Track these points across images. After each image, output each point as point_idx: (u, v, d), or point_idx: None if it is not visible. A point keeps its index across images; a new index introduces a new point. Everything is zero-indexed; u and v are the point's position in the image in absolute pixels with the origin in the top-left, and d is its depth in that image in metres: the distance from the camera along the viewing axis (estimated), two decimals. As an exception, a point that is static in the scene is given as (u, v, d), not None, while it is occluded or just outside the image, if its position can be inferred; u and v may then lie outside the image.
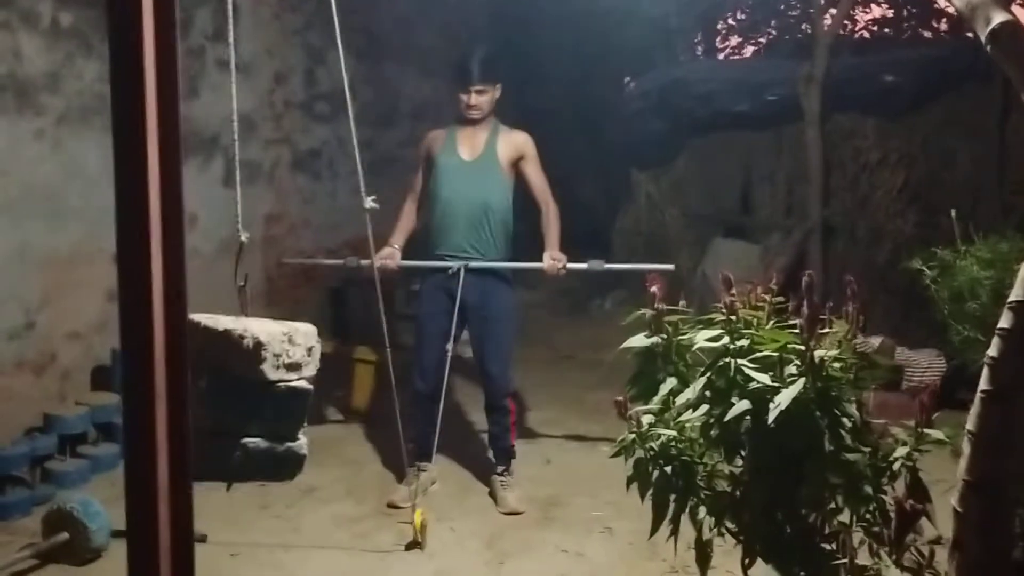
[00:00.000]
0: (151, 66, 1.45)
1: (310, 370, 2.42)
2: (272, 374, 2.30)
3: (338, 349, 5.61)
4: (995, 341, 1.58)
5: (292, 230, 6.50)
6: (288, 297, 6.46)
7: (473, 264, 4.12)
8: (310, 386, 2.40)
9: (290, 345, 2.35)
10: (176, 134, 1.49)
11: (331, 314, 6.85)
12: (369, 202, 3.41)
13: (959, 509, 1.65)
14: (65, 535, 3.44)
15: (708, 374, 2.05)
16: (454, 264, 4.10)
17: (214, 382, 2.28)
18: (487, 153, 4.15)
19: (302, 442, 2.40)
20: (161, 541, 1.51)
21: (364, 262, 4.16)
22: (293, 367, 2.36)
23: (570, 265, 4.16)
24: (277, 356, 2.32)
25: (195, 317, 2.28)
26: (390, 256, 4.15)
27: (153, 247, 1.48)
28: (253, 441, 2.33)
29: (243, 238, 2.63)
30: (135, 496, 1.51)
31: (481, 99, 4.08)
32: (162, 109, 1.48)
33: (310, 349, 2.42)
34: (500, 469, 4.24)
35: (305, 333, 2.43)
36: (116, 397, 4.50)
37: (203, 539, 3.50)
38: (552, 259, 4.12)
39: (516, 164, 4.20)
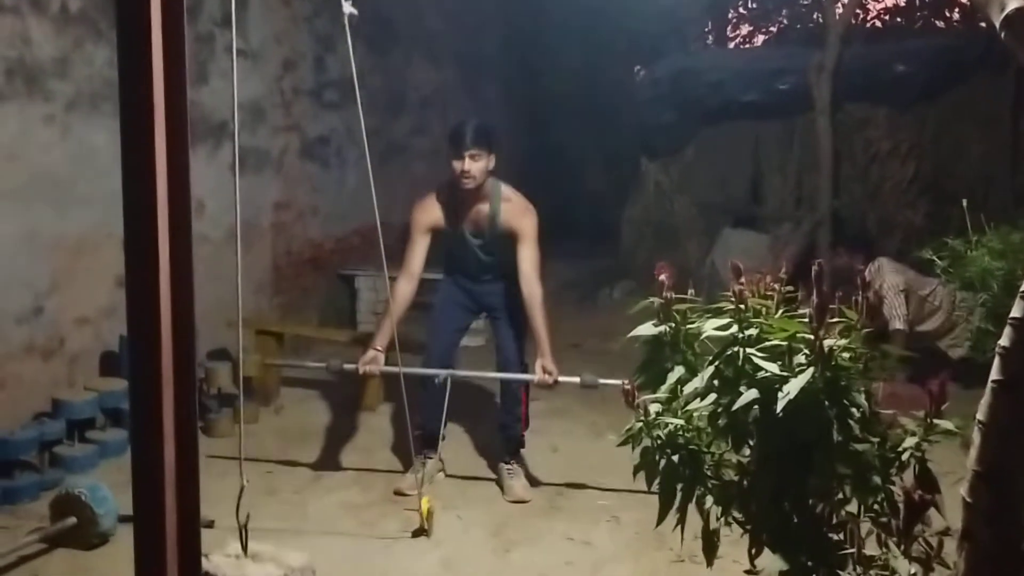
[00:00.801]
0: (159, 52, 1.45)
1: None
2: None
3: (349, 337, 5.63)
4: (1007, 331, 1.56)
5: (300, 217, 6.51)
6: (296, 285, 6.47)
7: (459, 375, 4.22)
8: None
9: None
10: (184, 121, 1.49)
11: (340, 303, 6.86)
12: (347, 6, 3.14)
13: (969, 499, 1.64)
14: (73, 520, 3.45)
15: (716, 363, 2.04)
16: (442, 373, 4.06)
17: None
18: (492, 232, 4.13)
19: None
20: (168, 526, 1.51)
21: (348, 366, 4.08)
22: None
23: (561, 379, 4.02)
24: None
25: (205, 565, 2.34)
26: (373, 360, 4.04)
27: (160, 234, 1.48)
28: None
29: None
30: (142, 482, 1.51)
31: (475, 165, 3.99)
32: (170, 95, 1.48)
33: None
34: (507, 458, 4.24)
35: (301, 569, 2.50)
36: (124, 383, 4.51)
37: (210, 524, 3.51)
38: (544, 371, 4.02)
39: (513, 237, 4.13)
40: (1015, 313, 1.51)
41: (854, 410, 1.97)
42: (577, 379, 4.03)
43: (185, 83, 1.49)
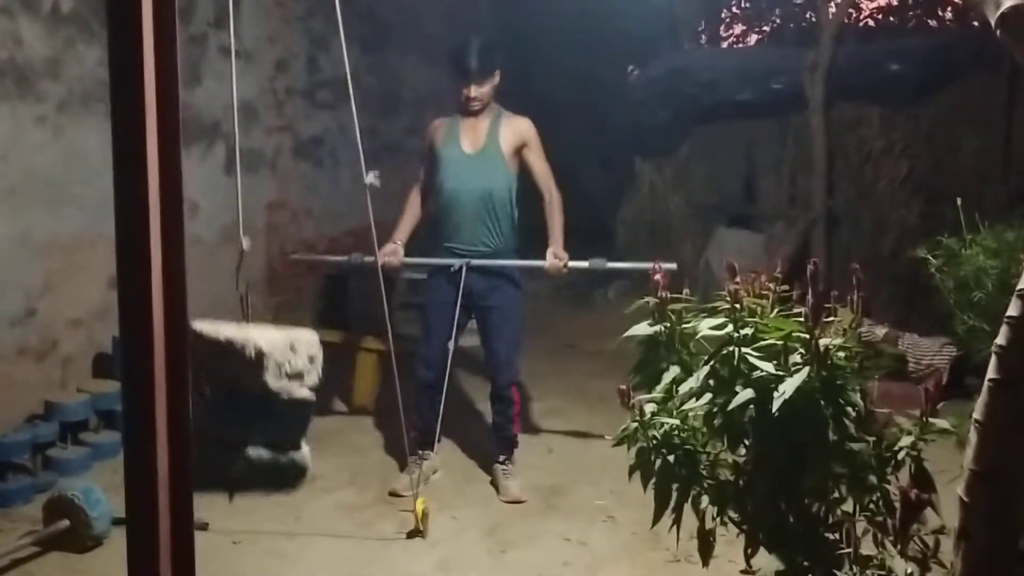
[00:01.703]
0: (150, 52, 1.44)
1: (312, 379, 2.40)
2: (274, 384, 2.29)
3: (342, 338, 5.61)
4: (1003, 330, 1.56)
5: (294, 218, 6.50)
6: (290, 285, 6.46)
7: (475, 262, 4.12)
8: (312, 396, 2.39)
9: (292, 354, 2.34)
10: (176, 121, 1.48)
11: (332, 303, 6.84)
12: (370, 178, 3.35)
13: (966, 499, 1.64)
14: (66, 522, 3.44)
15: (712, 363, 2.03)
16: (456, 262, 4.08)
17: (216, 392, 2.26)
18: (489, 144, 4.12)
19: (305, 452, 2.40)
20: (161, 529, 1.51)
21: (368, 258, 4.14)
22: (295, 376, 2.35)
23: (571, 264, 4.12)
24: (279, 366, 2.30)
25: (196, 325, 2.26)
26: (393, 253, 4.11)
27: (152, 235, 1.48)
28: (255, 451, 2.32)
29: (245, 246, 2.61)
30: (135, 484, 1.51)
31: (481, 90, 4.05)
32: (162, 95, 1.47)
33: (311, 357, 2.40)
34: (502, 458, 4.24)
35: (307, 341, 2.42)
36: (118, 384, 4.49)
37: (204, 527, 3.50)
38: (555, 257, 4.08)
39: (519, 152, 4.17)
40: (1012, 312, 1.50)
41: (850, 409, 1.97)
42: (586, 263, 4.19)
43: (177, 83, 1.48)
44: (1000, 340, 1.55)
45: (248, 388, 2.26)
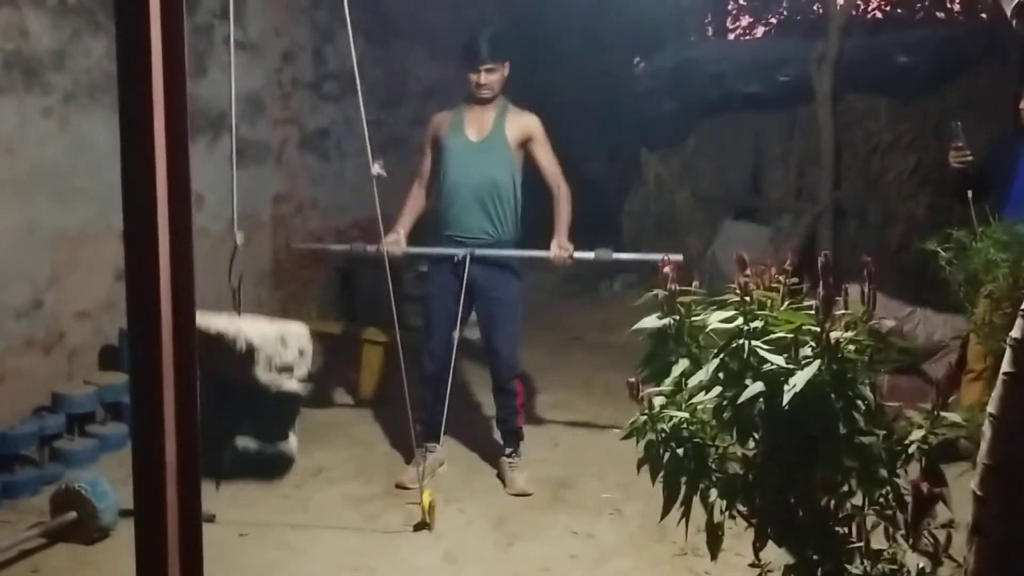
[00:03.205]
0: (158, 44, 1.43)
1: (301, 371, 2.42)
2: (264, 377, 2.31)
3: (347, 330, 5.61)
4: (1019, 322, 1.54)
5: (300, 210, 6.49)
6: (296, 278, 6.45)
7: (479, 252, 4.10)
8: (302, 388, 2.40)
9: (282, 347, 2.35)
10: (183, 113, 1.47)
11: (339, 295, 6.84)
12: (376, 168, 3.35)
13: (979, 493, 1.63)
14: (73, 514, 3.44)
15: (721, 355, 2.02)
16: (460, 252, 4.08)
17: (206, 383, 2.27)
18: (494, 133, 4.11)
19: (292, 443, 2.41)
20: (169, 521, 1.50)
21: (371, 248, 4.15)
22: (285, 369, 2.37)
23: (577, 254, 4.11)
24: (270, 359, 2.32)
25: None
26: (395, 242, 4.11)
27: (160, 226, 1.47)
28: (244, 441, 2.33)
29: (238, 240, 2.60)
30: (143, 476, 1.50)
31: (491, 78, 4.04)
32: (169, 87, 1.46)
33: (302, 351, 2.41)
34: (508, 451, 4.23)
35: (297, 334, 2.43)
36: (124, 376, 4.50)
37: (212, 519, 3.50)
38: (559, 248, 4.08)
39: (525, 145, 4.16)
40: (1028, 304, 1.49)
41: (860, 403, 1.96)
42: (591, 254, 4.18)
43: (185, 75, 1.47)
44: (1015, 333, 1.54)
45: (238, 380, 2.28)
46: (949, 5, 8.73)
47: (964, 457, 2.66)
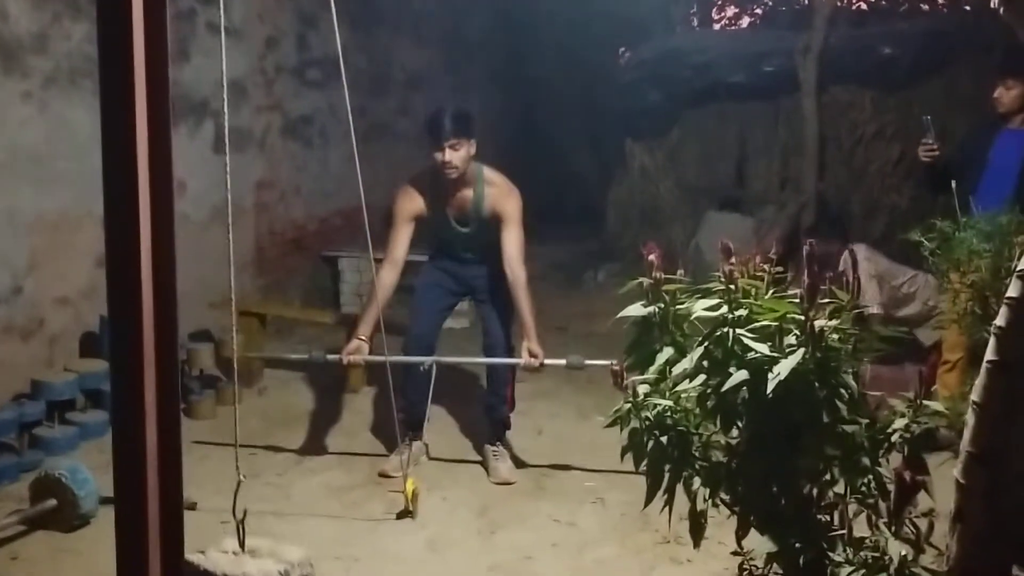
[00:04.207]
0: (140, 28, 1.41)
1: None
2: None
3: (332, 319, 5.59)
4: (1003, 311, 1.55)
5: (283, 197, 6.45)
6: (279, 266, 6.42)
7: (444, 361, 4.22)
8: None
9: None
10: (165, 98, 1.45)
11: (324, 284, 6.82)
12: None
13: (962, 481, 1.64)
14: (53, 501, 3.42)
15: (706, 344, 2.02)
16: (427, 360, 4.04)
17: None
18: (476, 216, 4.07)
19: None
20: (150, 508, 1.49)
21: (331, 356, 4.07)
22: None
23: (547, 361, 4.01)
24: None
25: (193, 559, 2.30)
26: (357, 350, 3.99)
27: (142, 212, 1.45)
28: None
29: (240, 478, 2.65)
30: (124, 463, 1.49)
31: (456, 155, 3.93)
32: (151, 72, 1.44)
33: None
34: (492, 439, 4.23)
35: (300, 564, 2.49)
36: (105, 363, 4.47)
37: (192, 506, 3.48)
38: (530, 355, 3.99)
39: (497, 221, 4.08)
40: (1012, 293, 1.49)
41: (843, 391, 1.96)
42: (563, 361, 4.04)
43: (167, 60, 1.45)
44: (999, 321, 1.54)
45: None
46: (933, -3, 8.75)
47: (944, 447, 2.68)
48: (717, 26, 10.01)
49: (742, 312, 2.01)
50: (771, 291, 2.06)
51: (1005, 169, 4.11)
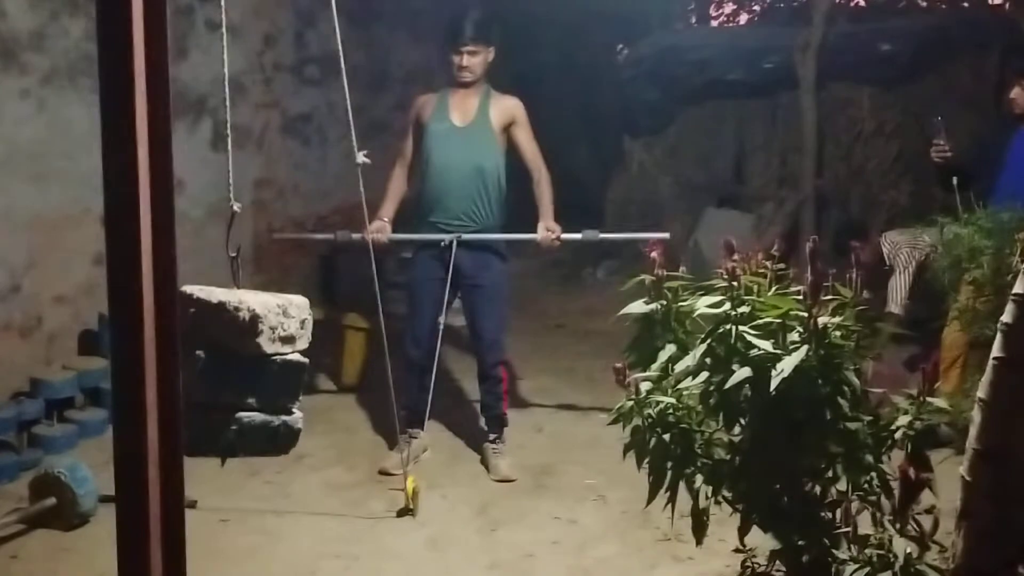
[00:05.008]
0: (139, 25, 1.40)
1: (303, 343, 2.38)
2: (268, 347, 2.27)
3: (329, 316, 5.57)
4: (1009, 307, 1.54)
5: (281, 195, 6.43)
6: (277, 264, 6.40)
7: (466, 237, 4.06)
8: (305, 359, 2.37)
9: (284, 318, 2.32)
10: (165, 96, 1.44)
11: (321, 281, 6.80)
12: (360, 157, 3.32)
13: (968, 478, 1.63)
14: (52, 500, 3.41)
15: (708, 341, 2.02)
16: (446, 237, 4.05)
17: (208, 356, 2.24)
18: (479, 118, 4.07)
19: (297, 416, 2.37)
20: (151, 506, 1.48)
21: (355, 235, 4.11)
22: (287, 340, 2.33)
23: (564, 236, 4.10)
24: (272, 329, 2.28)
25: (187, 289, 2.23)
26: (380, 229, 4.05)
27: (142, 210, 1.44)
28: (248, 415, 2.30)
29: (235, 207, 2.56)
30: (125, 462, 1.48)
31: (473, 60, 3.97)
32: (151, 69, 1.43)
33: (303, 322, 2.39)
34: (492, 437, 4.22)
35: (298, 305, 2.40)
36: (103, 361, 4.46)
37: (192, 505, 3.48)
38: (547, 230, 4.07)
39: (507, 130, 4.13)
40: (1018, 289, 1.49)
41: (846, 388, 1.96)
42: (579, 235, 4.20)
43: (167, 57, 1.44)
44: (1006, 318, 1.54)
45: (241, 351, 2.24)
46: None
47: (944, 444, 2.68)
48: (715, 23, 9.99)
49: (745, 309, 2.01)
50: (774, 288, 2.06)
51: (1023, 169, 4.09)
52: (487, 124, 4.07)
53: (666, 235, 4.11)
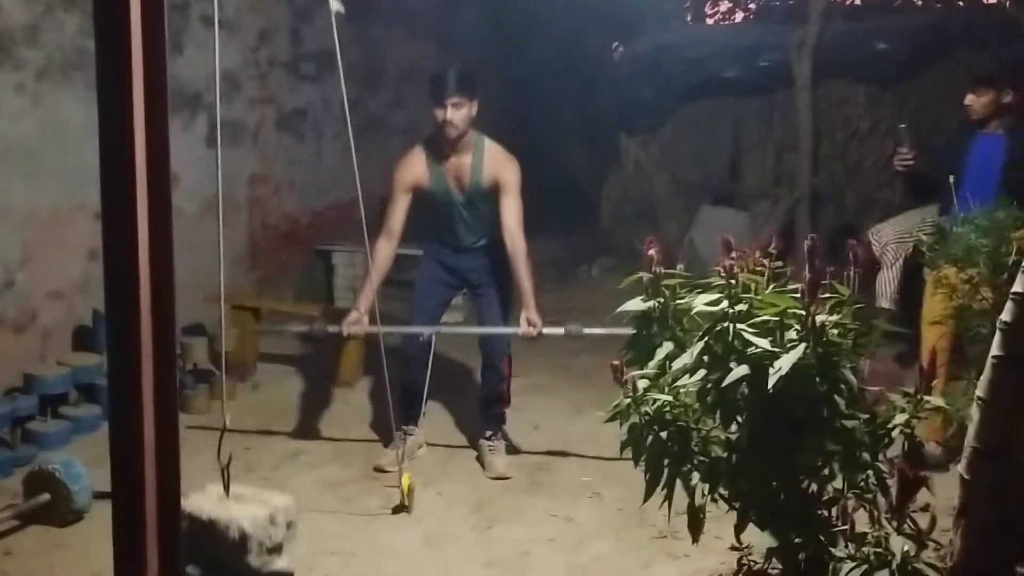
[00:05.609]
0: (137, 20, 1.39)
1: (290, 546, 2.47)
2: (255, 562, 2.35)
3: (325, 313, 5.57)
4: (1009, 305, 1.54)
5: (277, 191, 6.42)
6: (272, 260, 6.40)
7: (444, 330, 4.23)
8: (290, 568, 2.45)
9: (273, 528, 2.40)
10: (163, 91, 1.43)
11: (317, 278, 6.79)
12: (336, 4, 3.11)
13: (967, 476, 1.63)
14: (47, 496, 3.40)
15: (706, 339, 2.02)
16: (426, 331, 4.05)
17: (200, 573, 2.31)
18: (475, 185, 4.02)
19: None
20: (147, 503, 1.48)
21: (332, 329, 4.08)
22: (275, 550, 2.40)
23: (545, 330, 4.01)
24: (261, 544, 2.37)
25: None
26: (357, 322, 3.99)
27: (139, 205, 1.44)
28: None
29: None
30: (121, 458, 1.47)
31: (458, 114, 3.89)
32: (148, 65, 1.42)
33: (289, 524, 2.46)
34: (488, 434, 4.22)
35: (284, 509, 2.48)
36: (98, 358, 4.45)
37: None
38: (528, 324, 3.98)
39: (496, 189, 4.05)
40: (1017, 288, 1.48)
41: (843, 387, 1.96)
42: (561, 330, 4.06)
43: (164, 53, 1.43)
44: (1005, 316, 1.54)
45: (230, 566, 2.31)
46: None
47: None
48: (711, 21, 9.98)
49: (742, 307, 2.01)
50: (771, 286, 2.06)
51: (985, 173, 4.07)
52: (483, 190, 4.02)
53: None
